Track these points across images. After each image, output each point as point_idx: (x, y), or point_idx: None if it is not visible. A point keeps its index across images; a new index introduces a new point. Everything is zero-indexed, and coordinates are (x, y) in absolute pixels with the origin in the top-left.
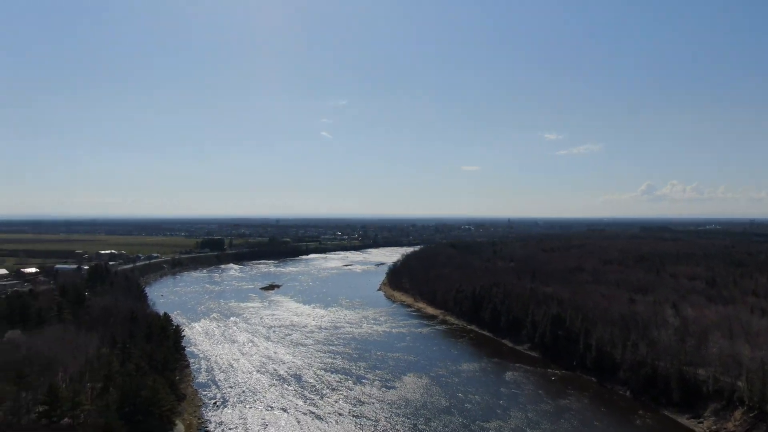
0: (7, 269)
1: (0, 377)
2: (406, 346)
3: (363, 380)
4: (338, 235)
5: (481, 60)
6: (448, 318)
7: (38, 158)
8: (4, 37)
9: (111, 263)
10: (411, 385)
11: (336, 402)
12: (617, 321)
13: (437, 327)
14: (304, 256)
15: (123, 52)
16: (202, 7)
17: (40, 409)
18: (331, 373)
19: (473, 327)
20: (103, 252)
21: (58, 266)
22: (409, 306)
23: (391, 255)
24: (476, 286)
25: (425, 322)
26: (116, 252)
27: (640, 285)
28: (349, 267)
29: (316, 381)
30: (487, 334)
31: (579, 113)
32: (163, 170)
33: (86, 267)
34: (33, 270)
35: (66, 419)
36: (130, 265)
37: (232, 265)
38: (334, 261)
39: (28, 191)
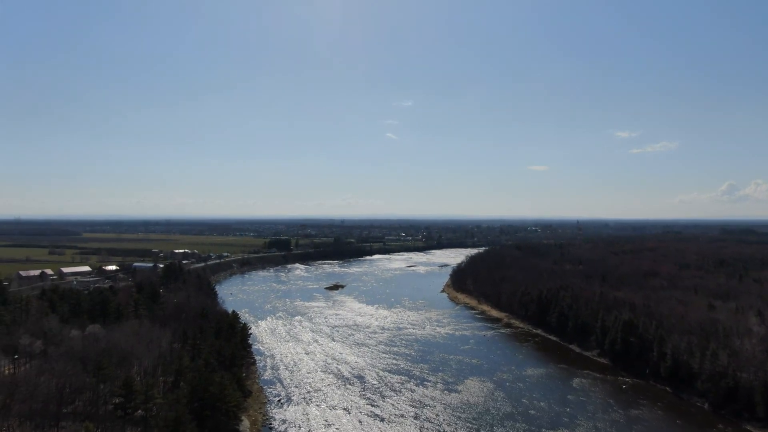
0: (90, 266)
1: (80, 369)
2: (469, 348)
3: (425, 382)
4: (402, 235)
5: (549, 57)
6: (512, 321)
7: (118, 162)
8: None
9: (184, 262)
10: (474, 389)
11: (398, 404)
12: (695, 329)
13: (501, 330)
14: (368, 257)
15: (202, 58)
16: (271, 13)
17: (116, 401)
18: (394, 374)
19: (539, 331)
20: (177, 251)
21: (136, 264)
22: (472, 308)
23: (455, 256)
24: (543, 289)
25: (489, 325)
26: (189, 251)
27: (720, 291)
28: (413, 268)
29: (379, 382)
30: (554, 338)
31: (654, 110)
32: (233, 172)
33: (161, 265)
34: (113, 267)
35: (139, 411)
36: (202, 264)
37: (298, 264)
38: (397, 262)
39: (109, 193)
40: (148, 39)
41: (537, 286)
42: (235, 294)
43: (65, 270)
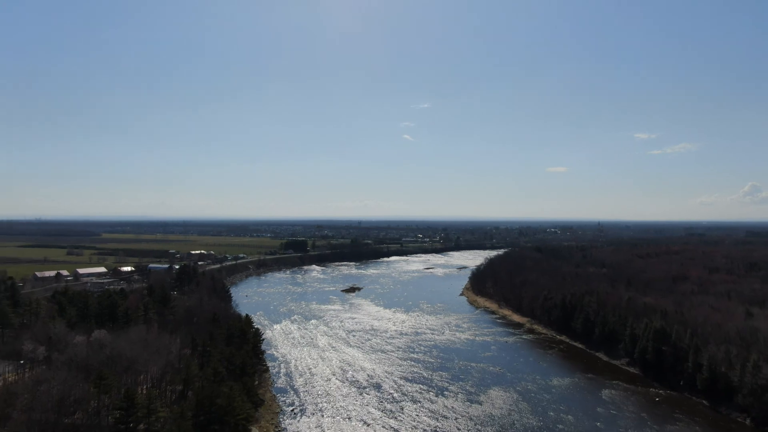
0: (106, 267)
1: (83, 377)
2: (490, 356)
3: (445, 392)
4: (419, 237)
5: (568, 58)
6: (535, 327)
7: (139, 164)
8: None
9: (200, 263)
10: (497, 400)
11: (417, 415)
12: (733, 338)
13: (524, 336)
14: (385, 258)
15: (222, 62)
16: (287, 17)
17: (117, 414)
18: (412, 382)
19: (563, 338)
20: (193, 252)
21: (151, 265)
22: (493, 312)
23: (474, 258)
24: (566, 293)
25: (511, 331)
26: (205, 252)
27: (755, 296)
28: (431, 270)
29: (396, 391)
30: (579, 346)
31: (673, 110)
32: (252, 174)
33: (177, 266)
34: (129, 269)
35: (142, 425)
36: (218, 266)
37: (314, 266)
38: (415, 264)
39: (130, 194)
40: (168, 43)
41: (560, 290)
42: (250, 296)
43: (81, 271)
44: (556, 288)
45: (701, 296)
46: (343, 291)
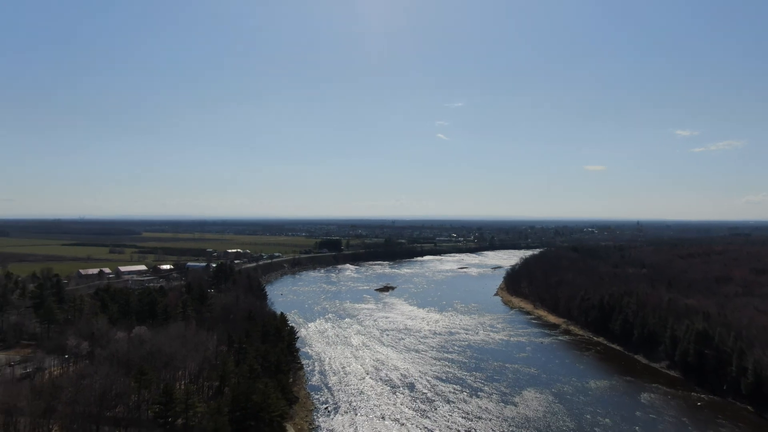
0: (146, 265)
1: (124, 372)
2: (525, 357)
3: (479, 393)
4: (453, 236)
5: (605, 53)
6: (571, 328)
7: (177, 164)
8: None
9: (236, 261)
10: (532, 402)
11: (450, 415)
12: None
13: (560, 337)
14: (419, 258)
15: (259, 66)
16: (322, 17)
17: (156, 409)
18: (446, 382)
19: (600, 339)
20: (230, 251)
21: (189, 264)
22: (528, 313)
23: (509, 258)
24: (604, 294)
25: (546, 332)
26: (242, 251)
27: None
28: (465, 270)
29: (430, 391)
30: (617, 348)
31: (717, 106)
32: (288, 174)
33: (214, 265)
34: (168, 267)
35: (180, 420)
36: (254, 264)
37: (348, 265)
38: (449, 263)
39: (169, 194)
40: (205, 45)
41: (598, 291)
42: (285, 295)
43: (122, 269)
44: (594, 288)
45: (746, 298)
46: (376, 290)
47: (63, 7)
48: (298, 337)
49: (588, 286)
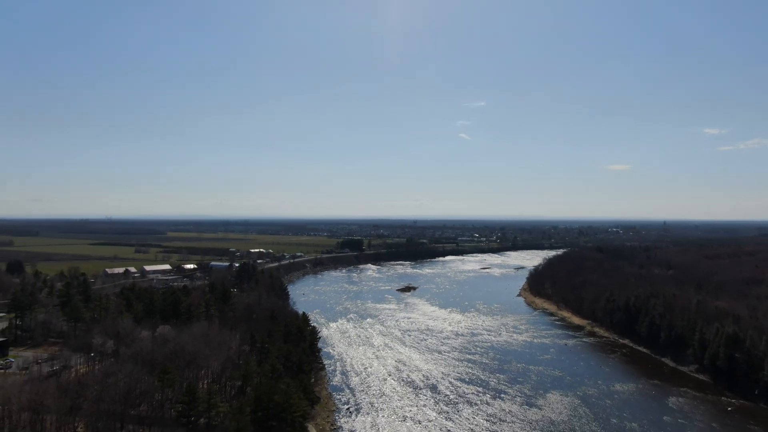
0: (170, 265)
1: (148, 371)
2: (549, 359)
3: (502, 395)
4: (475, 236)
5: (628, 50)
6: (596, 329)
7: (201, 164)
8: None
9: (259, 261)
10: (556, 405)
11: (473, 417)
12: None
13: (584, 339)
14: (440, 258)
15: (279, 67)
16: (344, 17)
17: (179, 408)
18: (468, 384)
19: (626, 341)
20: (253, 250)
21: (212, 263)
22: (551, 314)
23: (531, 258)
24: (630, 295)
25: (570, 333)
26: (264, 251)
27: None
28: (487, 270)
29: (452, 392)
30: (643, 350)
31: (747, 104)
32: (309, 174)
33: (237, 264)
34: (192, 266)
35: (202, 419)
36: (276, 264)
37: (369, 265)
38: (471, 263)
39: (193, 194)
40: (229, 48)
41: (624, 292)
42: (307, 294)
43: (147, 268)
44: (619, 290)
45: None
46: (398, 290)
47: (87, 11)
48: (320, 337)
49: (613, 288)
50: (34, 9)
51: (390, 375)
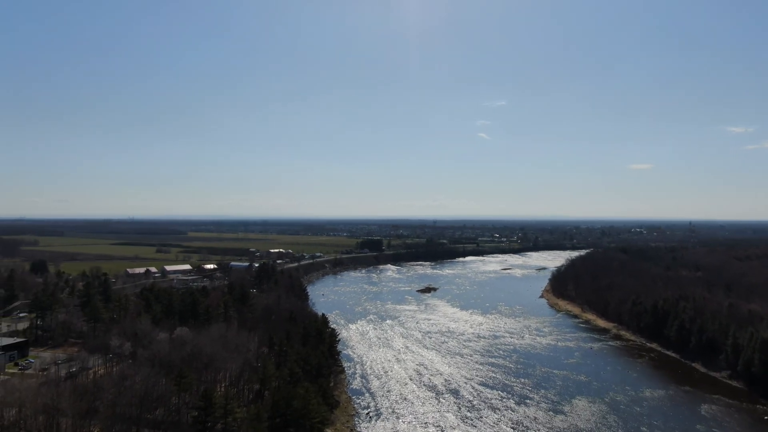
0: (191, 265)
1: (165, 373)
2: (575, 363)
3: (527, 400)
4: (496, 237)
5: (650, 47)
6: (622, 333)
7: (221, 165)
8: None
9: (278, 261)
10: (583, 411)
11: (497, 424)
12: None
13: (610, 343)
14: (460, 258)
15: (298, 68)
16: (363, 16)
17: (195, 413)
18: (491, 389)
19: (654, 345)
20: (272, 250)
21: (232, 263)
22: (575, 316)
23: (553, 259)
24: (658, 298)
25: (595, 336)
26: (284, 251)
27: None
28: (508, 271)
29: (475, 397)
30: (672, 355)
31: None
32: (328, 174)
33: (256, 265)
34: (212, 266)
35: (219, 425)
36: (296, 264)
37: (389, 265)
38: (492, 264)
39: (213, 194)
40: (249, 50)
41: (651, 295)
42: (326, 295)
43: (168, 268)
44: (646, 292)
45: None
46: (418, 291)
47: (113, 15)
48: (339, 339)
49: (639, 290)
50: (63, 13)
51: (411, 378)
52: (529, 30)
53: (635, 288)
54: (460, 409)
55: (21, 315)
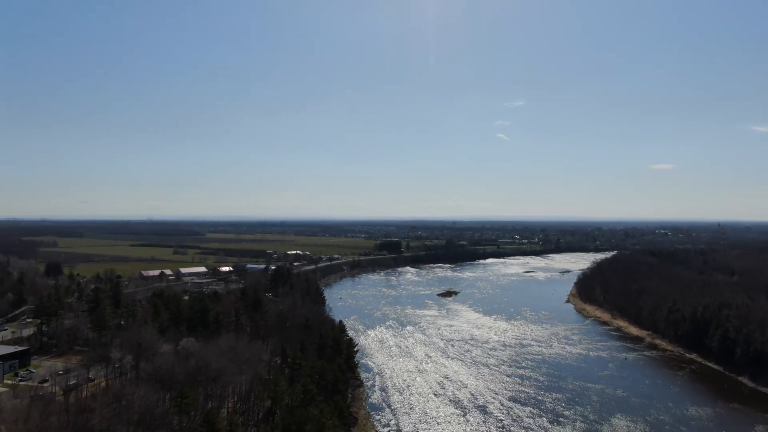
0: (207, 267)
1: (167, 390)
2: (609, 375)
3: (560, 419)
4: (517, 238)
5: (672, 44)
6: (657, 342)
7: (239, 166)
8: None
9: (295, 263)
10: None
11: None
12: None
13: (645, 353)
14: (481, 260)
15: (316, 70)
16: (381, 16)
17: None
18: (521, 405)
19: (694, 356)
20: (290, 252)
21: (248, 266)
22: (605, 323)
23: (576, 261)
24: (697, 305)
25: (629, 345)
26: (301, 253)
27: None
28: (531, 274)
29: (503, 414)
30: (715, 367)
31: None
32: (346, 175)
33: (273, 267)
34: (227, 269)
35: None
36: (313, 266)
37: (408, 268)
38: (513, 266)
39: (232, 195)
40: (266, 52)
41: (688, 301)
42: (344, 299)
43: (183, 270)
44: (682, 298)
45: None
46: (438, 295)
47: (134, 20)
48: (357, 349)
49: (675, 295)
50: (85, 20)
51: (434, 392)
52: (547, 28)
53: (669, 293)
54: (487, 426)
55: (27, 320)
